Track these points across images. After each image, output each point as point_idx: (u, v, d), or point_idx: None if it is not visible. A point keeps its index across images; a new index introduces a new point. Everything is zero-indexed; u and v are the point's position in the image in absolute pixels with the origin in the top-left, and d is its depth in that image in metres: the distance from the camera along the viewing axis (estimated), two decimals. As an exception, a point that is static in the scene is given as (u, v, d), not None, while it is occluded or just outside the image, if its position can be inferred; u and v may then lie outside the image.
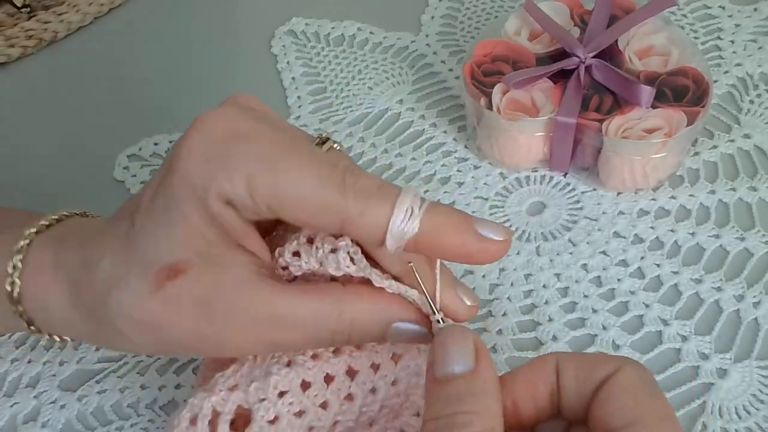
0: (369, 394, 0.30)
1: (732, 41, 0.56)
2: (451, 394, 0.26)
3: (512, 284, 0.44)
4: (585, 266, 0.44)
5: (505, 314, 0.43)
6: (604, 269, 0.44)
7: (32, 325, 0.33)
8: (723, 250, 0.44)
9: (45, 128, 0.56)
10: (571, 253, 0.45)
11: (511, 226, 0.47)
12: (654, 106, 0.44)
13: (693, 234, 0.45)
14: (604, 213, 0.47)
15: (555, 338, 0.41)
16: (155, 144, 0.54)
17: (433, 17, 0.61)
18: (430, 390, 0.27)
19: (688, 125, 0.43)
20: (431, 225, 0.27)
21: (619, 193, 0.47)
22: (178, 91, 0.58)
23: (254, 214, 0.28)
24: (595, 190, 0.48)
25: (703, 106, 0.44)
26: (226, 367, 0.31)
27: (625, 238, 0.45)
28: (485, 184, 0.49)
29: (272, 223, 0.31)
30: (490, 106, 0.46)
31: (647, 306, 0.42)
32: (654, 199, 0.47)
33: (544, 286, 0.44)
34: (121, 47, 0.62)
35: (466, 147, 0.51)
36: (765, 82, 0.53)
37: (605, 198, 0.47)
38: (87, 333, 0.32)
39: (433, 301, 0.29)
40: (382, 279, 0.29)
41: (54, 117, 0.57)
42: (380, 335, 0.30)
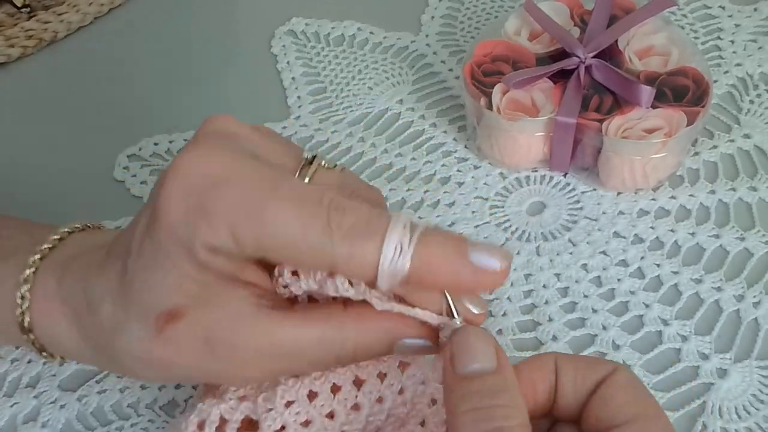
0: (376, 404, 0.30)
1: (732, 41, 0.56)
2: (483, 390, 0.26)
3: (512, 284, 0.44)
4: (585, 266, 0.44)
5: (505, 314, 0.43)
6: (604, 269, 0.44)
7: (44, 351, 0.33)
8: (723, 250, 0.44)
9: (45, 128, 0.56)
10: (571, 253, 0.45)
11: (511, 226, 0.47)
12: (654, 106, 0.44)
13: (693, 234, 0.45)
14: (604, 213, 0.47)
15: (555, 338, 0.41)
16: (155, 144, 0.54)
17: (433, 17, 0.61)
18: (456, 385, 0.27)
19: (688, 125, 0.43)
20: (422, 260, 0.26)
21: (619, 193, 0.47)
22: (178, 91, 0.58)
23: (243, 257, 0.28)
24: (595, 190, 0.48)
25: (703, 106, 0.44)
26: None
27: (625, 238, 0.45)
28: (485, 184, 0.49)
29: None
30: (490, 106, 0.46)
31: (647, 306, 0.42)
32: (654, 199, 0.47)
33: (544, 286, 0.44)
34: (121, 47, 0.62)
35: (466, 147, 0.51)
36: (765, 82, 0.53)
37: (605, 198, 0.47)
38: (99, 364, 0.33)
39: (450, 302, 0.29)
40: (383, 303, 0.29)
41: (54, 117, 0.57)
42: (386, 352, 0.30)
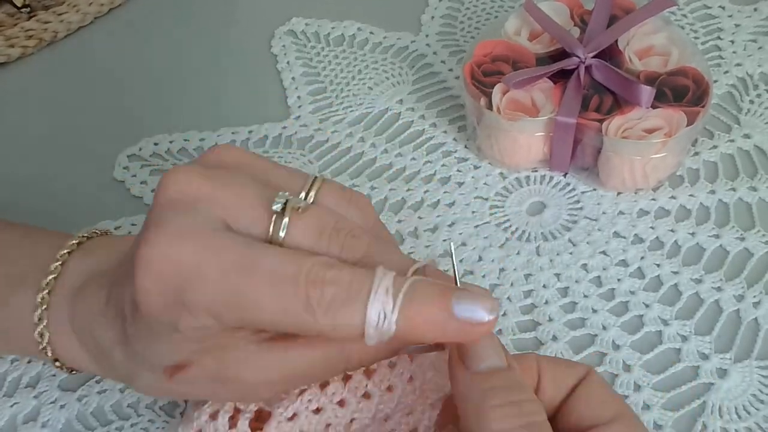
0: (386, 392, 0.31)
1: (732, 41, 0.56)
2: (507, 385, 0.27)
3: (512, 284, 0.44)
4: (585, 266, 0.44)
5: (505, 314, 0.43)
6: (604, 269, 0.44)
7: (63, 366, 0.36)
8: (723, 250, 0.44)
9: (45, 128, 0.56)
10: (571, 253, 0.45)
11: (511, 226, 0.47)
12: (654, 106, 0.44)
13: (693, 234, 0.45)
14: (604, 213, 0.47)
15: (555, 338, 0.41)
16: (155, 144, 0.54)
17: (433, 17, 0.61)
18: (473, 381, 0.27)
19: (688, 125, 0.43)
20: (407, 324, 0.27)
21: (619, 193, 0.47)
22: (178, 91, 0.58)
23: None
24: (595, 190, 0.48)
25: (703, 106, 0.44)
26: None
27: (625, 238, 0.45)
28: (485, 184, 0.49)
29: None
30: (490, 106, 0.46)
31: (647, 306, 0.42)
32: (654, 199, 0.47)
33: (544, 286, 0.44)
34: (121, 47, 0.62)
35: (466, 147, 0.51)
36: (765, 82, 0.53)
37: (605, 198, 0.47)
38: (112, 378, 0.36)
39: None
40: None
41: (54, 117, 0.57)
42: (390, 356, 0.30)
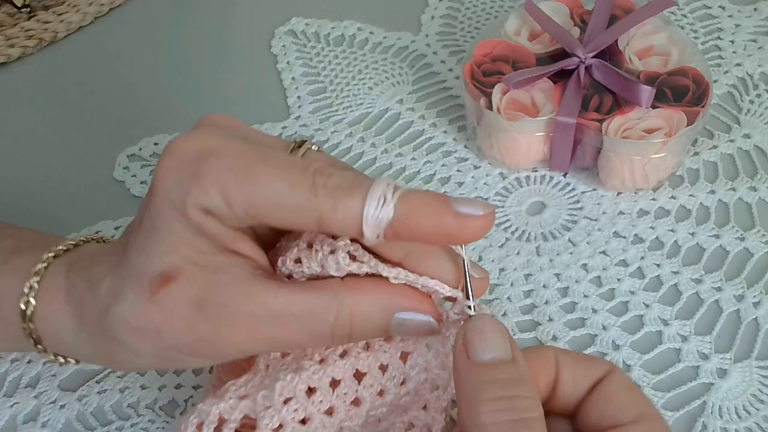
0: (377, 398, 0.30)
1: (732, 41, 0.56)
2: (504, 379, 0.26)
3: (512, 284, 0.44)
4: (585, 266, 0.44)
5: (505, 314, 0.43)
6: (604, 269, 0.44)
7: (39, 344, 0.34)
8: (723, 250, 0.44)
9: (45, 128, 0.56)
10: (571, 253, 0.45)
11: (511, 226, 0.47)
12: (654, 106, 0.44)
13: (693, 234, 0.45)
14: (604, 213, 0.47)
15: (555, 338, 0.41)
16: (155, 144, 0.54)
17: (433, 17, 0.61)
18: (472, 372, 0.27)
19: (688, 125, 0.43)
20: (406, 209, 0.27)
21: (619, 193, 0.47)
22: (178, 91, 0.58)
23: (237, 221, 0.28)
24: (595, 190, 0.48)
25: (703, 106, 0.44)
26: (243, 371, 0.31)
27: (625, 238, 0.45)
28: (485, 184, 0.49)
29: (275, 236, 0.32)
30: (490, 106, 0.46)
31: (647, 306, 0.42)
32: (654, 199, 0.47)
33: (544, 286, 0.44)
34: (121, 47, 0.62)
35: (466, 147, 0.51)
36: (765, 82, 0.53)
37: (605, 198, 0.47)
38: (92, 353, 0.33)
39: (465, 286, 0.29)
40: (389, 269, 0.28)
41: (54, 117, 0.57)
42: (383, 328, 0.29)
